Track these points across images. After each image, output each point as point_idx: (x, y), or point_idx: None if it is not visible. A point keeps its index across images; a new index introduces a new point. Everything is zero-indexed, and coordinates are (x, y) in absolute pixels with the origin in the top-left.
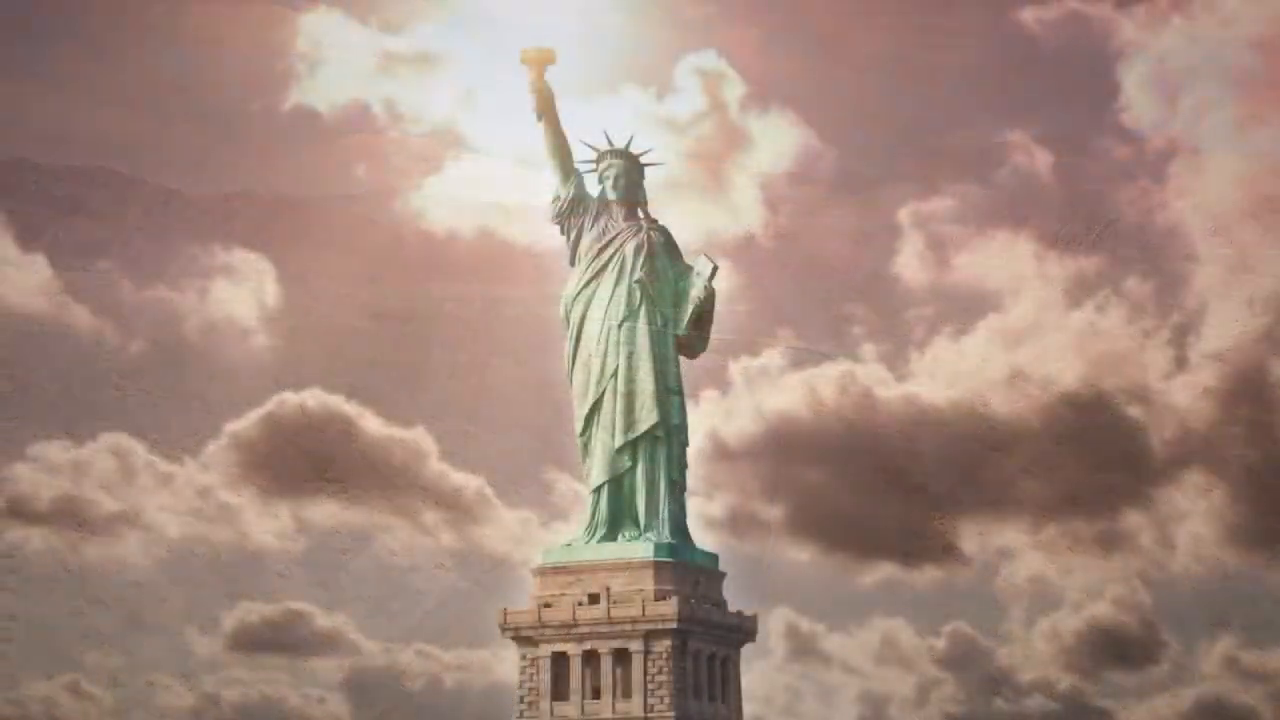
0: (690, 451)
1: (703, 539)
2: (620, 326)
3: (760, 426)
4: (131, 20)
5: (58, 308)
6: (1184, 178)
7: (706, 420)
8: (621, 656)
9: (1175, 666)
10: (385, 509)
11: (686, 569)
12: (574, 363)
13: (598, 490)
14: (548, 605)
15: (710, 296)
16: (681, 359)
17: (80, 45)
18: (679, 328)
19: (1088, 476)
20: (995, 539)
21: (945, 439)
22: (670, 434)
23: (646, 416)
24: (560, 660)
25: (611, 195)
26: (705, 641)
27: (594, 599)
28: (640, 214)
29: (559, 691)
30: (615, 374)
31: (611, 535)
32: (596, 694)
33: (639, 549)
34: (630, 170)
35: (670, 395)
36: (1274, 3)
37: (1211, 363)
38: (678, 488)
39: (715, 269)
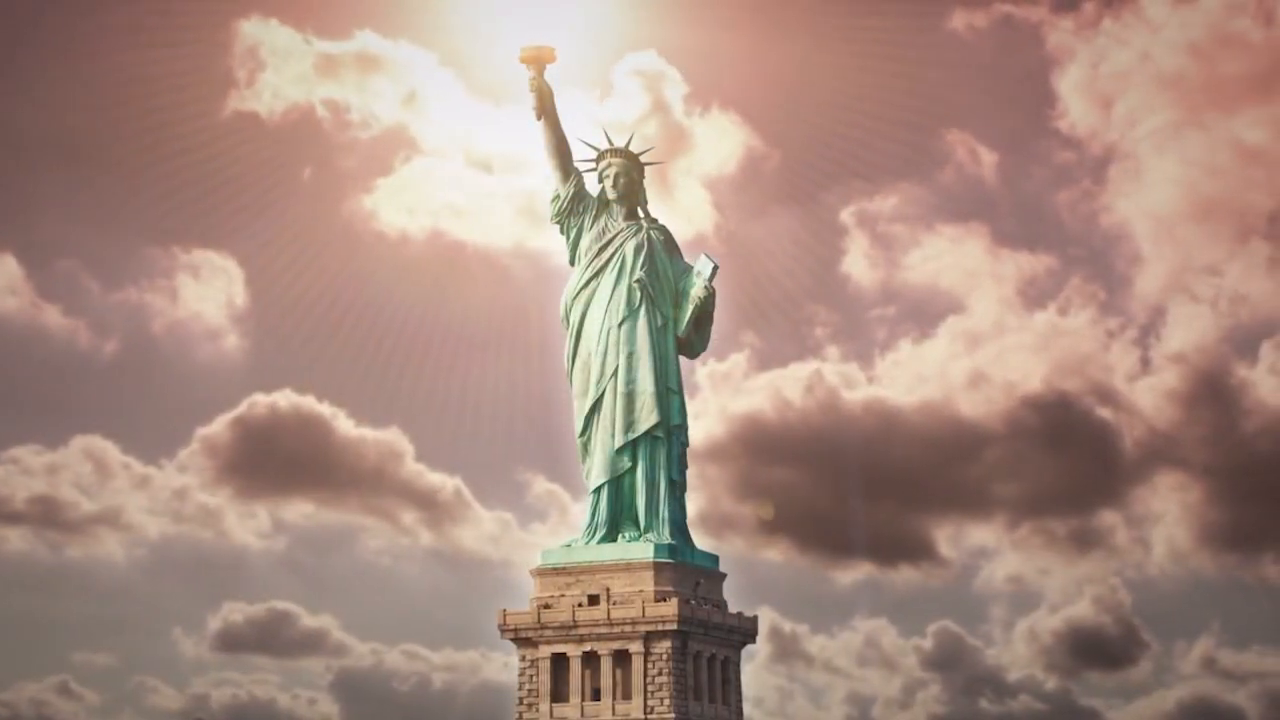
0: None
1: None
2: (620, 326)
3: (728, 429)
4: (87, 24)
5: (30, 307)
6: (1123, 181)
7: None
8: (621, 658)
9: (1156, 666)
10: (361, 509)
11: (687, 570)
12: (574, 363)
13: (598, 491)
14: (547, 606)
15: (711, 296)
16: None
17: (38, 48)
18: (679, 327)
19: (1060, 477)
20: (970, 539)
21: (914, 440)
22: (670, 434)
23: (647, 417)
24: (560, 661)
25: (611, 194)
26: (706, 643)
27: (594, 600)
28: (640, 213)
29: (558, 693)
30: (615, 374)
31: (611, 536)
32: (596, 695)
33: (639, 550)
34: (630, 169)
35: (670, 395)
36: (1202, 8)
37: (1174, 364)
38: (678, 488)
39: (715, 268)
